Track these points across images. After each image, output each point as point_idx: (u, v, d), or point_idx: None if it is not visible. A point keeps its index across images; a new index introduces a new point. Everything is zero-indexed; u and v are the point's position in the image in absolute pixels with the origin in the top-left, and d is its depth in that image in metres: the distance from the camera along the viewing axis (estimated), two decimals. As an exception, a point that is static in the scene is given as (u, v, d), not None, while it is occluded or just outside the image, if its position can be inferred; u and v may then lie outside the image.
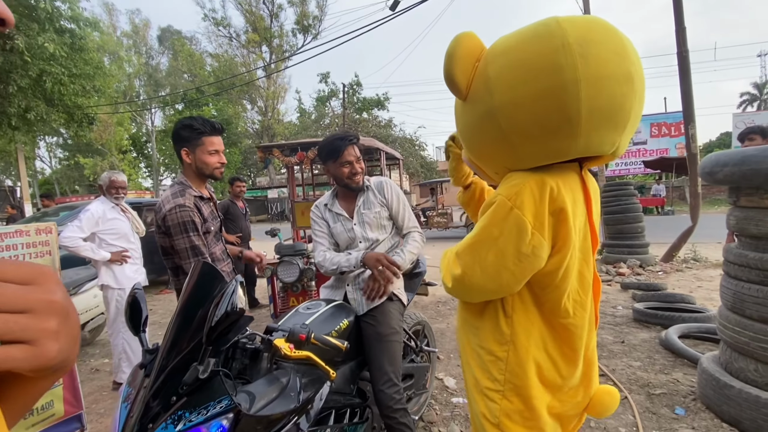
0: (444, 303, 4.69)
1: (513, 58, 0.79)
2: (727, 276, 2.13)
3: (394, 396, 1.51)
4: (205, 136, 1.67)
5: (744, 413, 1.92)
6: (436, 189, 13.39)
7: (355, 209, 1.75)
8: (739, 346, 2.01)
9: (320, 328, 1.36)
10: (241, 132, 26.78)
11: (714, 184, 2.18)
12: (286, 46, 26.72)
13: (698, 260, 6.10)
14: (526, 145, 0.83)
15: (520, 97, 0.78)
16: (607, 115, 0.77)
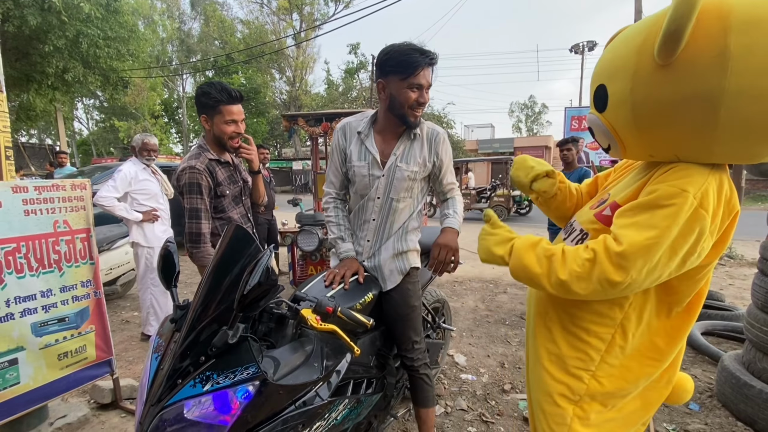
0: (460, 283, 4.70)
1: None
2: (761, 274, 2.02)
3: (419, 356, 1.60)
4: (222, 104, 1.65)
5: (761, 413, 1.87)
6: (461, 168, 13.15)
7: (390, 156, 1.43)
8: (764, 346, 1.93)
9: (344, 300, 1.35)
10: (269, 102, 26.86)
11: (759, 176, 2.05)
12: (317, 14, 26.23)
13: (733, 257, 5.82)
14: (735, 143, 0.72)
15: (761, 88, 0.64)
16: None
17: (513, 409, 2.16)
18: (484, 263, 1.02)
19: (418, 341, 1.60)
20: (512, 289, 4.44)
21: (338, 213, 1.58)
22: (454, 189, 1.61)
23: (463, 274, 5.11)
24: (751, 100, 0.65)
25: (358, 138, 1.46)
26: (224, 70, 25.23)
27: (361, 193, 1.50)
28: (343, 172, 1.53)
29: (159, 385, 0.91)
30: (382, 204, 1.47)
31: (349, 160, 1.47)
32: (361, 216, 1.54)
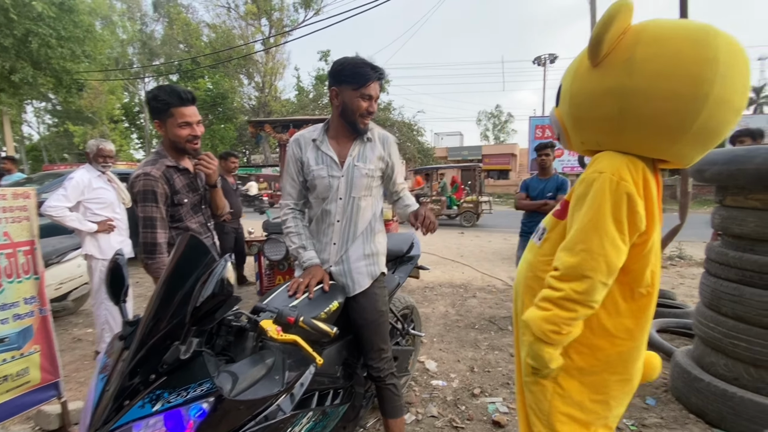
0: (431, 289, 4.73)
1: (665, 51, 0.80)
2: (707, 273, 2.17)
3: (385, 366, 1.59)
4: (173, 107, 1.57)
5: (710, 405, 1.98)
6: (431, 175, 13.35)
7: (347, 158, 1.50)
8: (712, 342, 2.06)
9: (308, 309, 1.32)
10: (237, 107, 26.25)
11: (702, 182, 2.20)
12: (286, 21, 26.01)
13: (683, 258, 6.21)
14: (633, 133, 0.87)
15: (654, 90, 0.81)
16: (707, 136, 0.84)
17: (482, 413, 2.18)
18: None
19: (384, 350, 1.59)
20: (481, 294, 4.52)
21: (297, 223, 1.59)
22: (405, 189, 1.74)
23: (433, 279, 5.16)
24: (645, 99, 0.81)
25: (314, 145, 1.52)
26: (189, 74, 24.47)
27: (323, 196, 1.52)
28: (300, 181, 1.56)
29: (104, 407, 0.86)
30: (345, 204, 1.51)
31: (307, 167, 1.52)
32: (326, 220, 1.54)
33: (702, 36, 0.78)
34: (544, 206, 3.26)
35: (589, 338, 1.00)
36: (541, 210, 3.29)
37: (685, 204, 6.25)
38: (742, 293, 1.90)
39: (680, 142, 0.84)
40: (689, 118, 0.80)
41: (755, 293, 1.85)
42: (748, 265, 1.89)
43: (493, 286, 4.86)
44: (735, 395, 1.88)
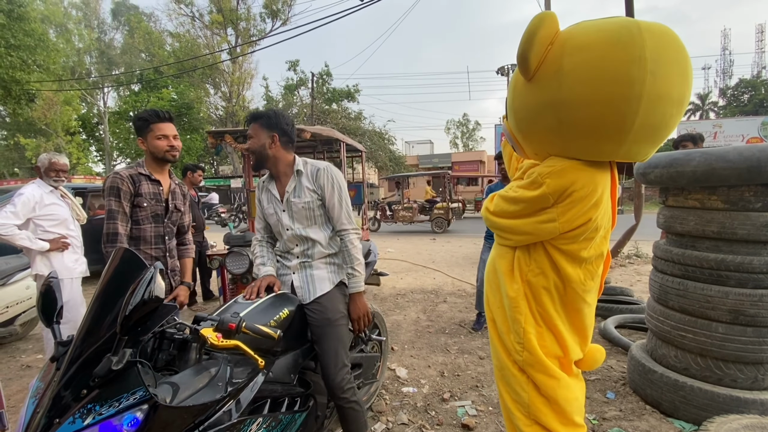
0: (403, 296, 4.75)
1: (590, 57, 0.80)
2: (655, 270, 2.30)
3: (344, 377, 1.58)
4: (153, 123, 1.82)
5: (664, 396, 2.09)
6: (402, 183, 13.47)
7: (285, 194, 1.65)
8: (662, 335, 2.18)
9: (258, 317, 1.33)
10: (204, 118, 25.62)
11: (646, 184, 2.34)
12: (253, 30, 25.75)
13: (640, 256, 6.54)
14: (576, 141, 0.88)
15: (586, 97, 0.81)
16: (653, 131, 0.83)
17: (452, 417, 2.20)
18: None
19: (341, 360, 1.58)
20: (452, 298, 4.58)
21: (263, 249, 1.75)
22: (348, 233, 1.66)
23: (405, 286, 5.18)
24: (577, 106, 0.83)
25: (264, 187, 1.72)
26: (152, 84, 23.69)
27: (276, 230, 1.72)
28: (264, 219, 1.76)
29: (34, 428, 0.82)
30: (294, 234, 1.66)
31: (263, 207, 1.73)
32: (286, 249, 1.72)
33: (626, 35, 0.77)
34: None
35: (538, 329, 1.07)
36: None
37: (639, 205, 6.64)
38: (686, 287, 2.03)
39: (625, 143, 0.84)
40: (628, 119, 0.79)
41: (698, 287, 1.98)
42: (690, 261, 2.02)
43: (463, 290, 4.93)
44: (685, 385, 2.00)
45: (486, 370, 2.75)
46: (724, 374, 1.93)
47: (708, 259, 1.95)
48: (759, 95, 27.44)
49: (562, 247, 1.00)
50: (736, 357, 1.89)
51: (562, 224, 0.94)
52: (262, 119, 1.62)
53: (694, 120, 29.48)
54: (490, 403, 2.32)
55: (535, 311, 1.07)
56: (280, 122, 1.63)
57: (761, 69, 31.13)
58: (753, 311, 1.83)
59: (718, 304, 1.91)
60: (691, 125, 21.63)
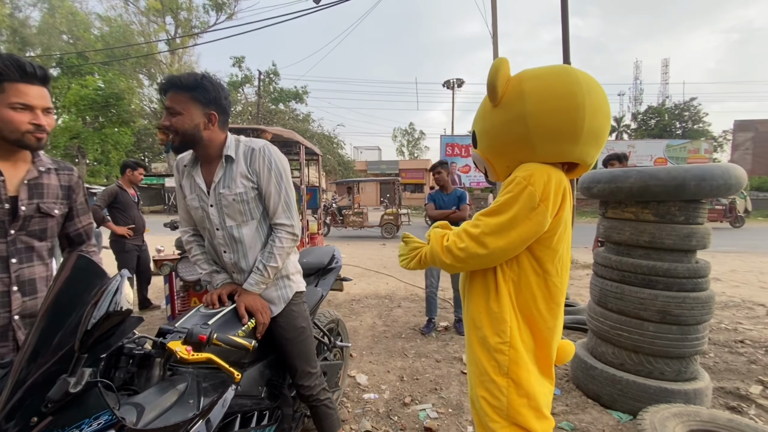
0: (358, 301, 4.74)
1: (544, 81, 1.06)
2: (595, 275, 2.54)
3: (315, 383, 1.55)
4: (7, 81, 1.12)
5: (603, 390, 2.31)
6: (353, 188, 13.46)
7: (212, 184, 1.37)
8: (601, 334, 2.41)
9: (224, 328, 1.25)
10: (136, 110, 23.55)
11: (589, 197, 2.58)
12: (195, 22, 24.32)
13: (572, 262, 7.16)
14: (544, 145, 1.07)
15: (547, 108, 1.04)
16: (596, 137, 1.07)
17: (414, 421, 2.23)
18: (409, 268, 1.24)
19: (310, 369, 1.54)
20: (405, 303, 4.66)
21: (203, 249, 1.52)
22: (282, 229, 1.42)
23: (359, 292, 5.17)
24: (540, 115, 1.04)
25: (186, 171, 1.42)
26: (75, 70, 21.33)
27: (202, 226, 1.45)
28: (187, 210, 1.48)
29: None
30: (224, 235, 1.40)
31: (185, 197, 1.44)
32: (216, 251, 1.47)
33: (563, 71, 1.07)
34: (452, 214, 3.61)
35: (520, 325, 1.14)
36: (450, 218, 3.58)
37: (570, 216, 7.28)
38: (622, 291, 2.26)
39: (579, 143, 1.06)
40: (578, 124, 1.03)
41: (633, 290, 2.22)
42: (626, 267, 2.26)
43: (416, 294, 5.04)
44: (622, 379, 2.22)
45: (443, 372, 2.83)
46: (653, 368, 2.18)
47: (641, 266, 2.20)
48: (664, 121, 31.49)
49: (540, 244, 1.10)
50: (663, 352, 2.15)
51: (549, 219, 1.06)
52: (196, 90, 1.27)
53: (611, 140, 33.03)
54: (449, 405, 2.40)
55: (517, 311, 1.14)
56: (220, 96, 1.33)
57: (665, 98, 35.79)
58: (677, 311, 2.09)
59: (649, 305, 2.15)
60: (609, 144, 24.23)
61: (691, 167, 2.09)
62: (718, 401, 2.38)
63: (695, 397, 2.10)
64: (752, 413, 2.26)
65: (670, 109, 32.11)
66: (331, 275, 2.22)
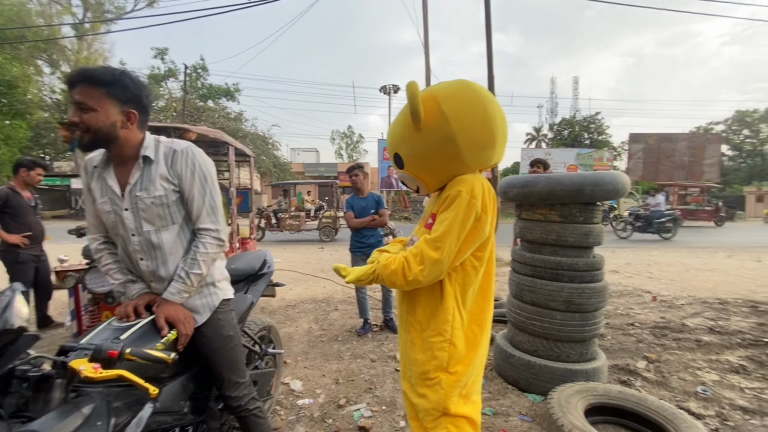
0: (293, 306, 4.64)
1: (459, 100, 1.17)
2: (512, 271, 2.79)
3: (244, 392, 1.50)
4: None
5: (520, 375, 2.54)
6: (289, 191, 13.13)
7: (127, 186, 1.27)
8: (518, 324, 2.65)
9: (141, 342, 1.17)
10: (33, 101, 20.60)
11: (507, 200, 2.83)
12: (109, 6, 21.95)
13: (497, 260, 7.72)
14: (473, 157, 1.19)
15: (470, 123, 1.15)
16: (503, 141, 1.23)
17: (349, 422, 2.26)
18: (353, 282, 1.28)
19: (240, 377, 1.51)
20: (343, 306, 4.67)
21: (115, 257, 1.40)
22: (207, 234, 1.35)
23: (295, 297, 5.07)
24: (467, 131, 1.17)
25: (97, 173, 1.31)
26: (-50, 50, 18.08)
27: (115, 232, 1.34)
28: (94, 210, 1.36)
29: None
30: (141, 240, 1.31)
31: (95, 201, 1.33)
32: (131, 258, 1.36)
33: (467, 85, 1.21)
34: (372, 222, 3.65)
35: (461, 322, 1.24)
36: (370, 225, 3.66)
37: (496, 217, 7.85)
38: (535, 284, 2.52)
39: (497, 149, 1.22)
40: (493, 131, 1.18)
41: (543, 283, 2.48)
42: (537, 263, 2.52)
43: (353, 297, 5.06)
44: (535, 364, 2.47)
45: (378, 371, 2.90)
46: (561, 352, 2.46)
47: (549, 261, 2.47)
48: (574, 132, 35.26)
49: (480, 246, 1.22)
50: (569, 337, 2.43)
51: (489, 225, 1.19)
52: (113, 86, 1.19)
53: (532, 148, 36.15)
54: (383, 403, 2.47)
55: (463, 309, 1.23)
56: (141, 95, 1.26)
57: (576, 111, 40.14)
58: (579, 301, 2.38)
59: (556, 296, 2.42)
60: (530, 152, 26.56)
61: (588, 174, 2.40)
62: (612, 377, 2.75)
63: (594, 375, 2.41)
64: (638, 385, 2.65)
65: (580, 121, 36.02)
66: (263, 281, 2.17)
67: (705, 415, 2.29)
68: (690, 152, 24.77)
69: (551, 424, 1.88)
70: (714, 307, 4.54)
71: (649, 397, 2.09)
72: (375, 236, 3.72)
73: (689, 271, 6.94)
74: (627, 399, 2.08)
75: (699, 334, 3.57)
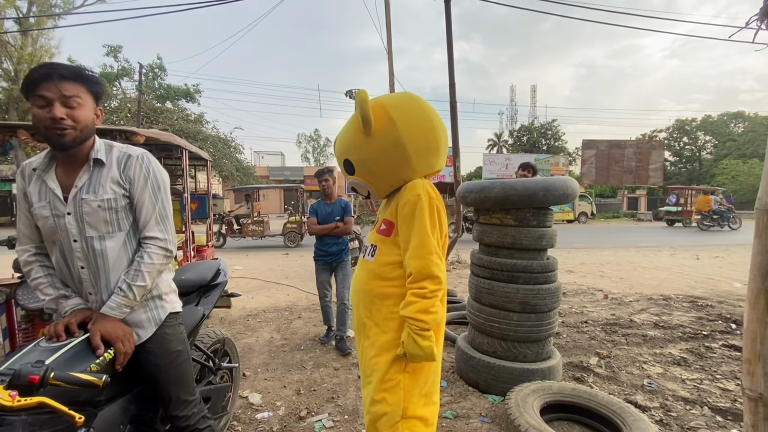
0: (254, 316, 4.49)
1: (408, 108, 1.26)
2: (472, 274, 2.84)
3: (194, 411, 1.44)
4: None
5: (481, 377, 2.59)
6: (252, 195, 12.76)
7: (72, 189, 1.21)
8: (478, 326, 2.70)
9: (72, 364, 1.08)
10: (-35, 99, 18.82)
11: (465, 205, 2.89)
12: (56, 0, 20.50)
13: (461, 262, 7.87)
14: (420, 162, 1.25)
15: (416, 130, 1.23)
16: (445, 148, 1.31)
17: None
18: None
19: (190, 394, 1.44)
20: (306, 313, 4.58)
21: (48, 270, 1.29)
22: (153, 244, 1.29)
23: (257, 305, 4.92)
24: (416, 138, 1.25)
25: (36, 175, 1.23)
26: None
27: (52, 239, 1.25)
28: (28, 216, 1.27)
29: None
30: (83, 247, 1.23)
31: (32, 205, 1.23)
32: (69, 268, 1.27)
33: (412, 96, 1.31)
34: (335, 229, 3.43)
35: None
36: (332, 233, 3.45)
37: (459, 220, 8.01)
38: (492, 287, 2.58)
39: (441, 155, 1.31)
40: (437, 139, 1.27)
41: (500, 286, 2.54)
42: (494, 266, 2.59)
43: (317, 304, 4.97)
44: (495, 365, 2.52)
45: (341, 380, 2.86)
46: (518, 352, 2.53)
47: (506, 264, 2.54)
48: (533, 138, 36.83)
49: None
50: (525, 338, 2.51)
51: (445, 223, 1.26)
52: (91, 83, 1.20)
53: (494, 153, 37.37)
54: (346, 412, 2.43)
55: None
56: (103, 93, 1.27)
57: (534, 118, 41.97)
58: (534, 302, 2.47)
59: (513, 298, 2.49)
60: (492, 157, 27.45)
61: (540, 180, 2.50)
62: (567, 374, 2.86)
63: (550, 374, 2.50)
64: (591, 381, 2.77)
65: (538, 128, 37.67)
66: (215, 292, 2.07)
67: (650, 407, 2.43)
68: (637, 157, 26.56)
69: (509, 424, 1.92)
70: (658, 303, 4.86)
71: (599, 393, 2.20)
72: (338, 245, 3.51)
73: (636, 269, 7.40)
74: (579, 395, 2.17)
75: (645, 329, 3.81)
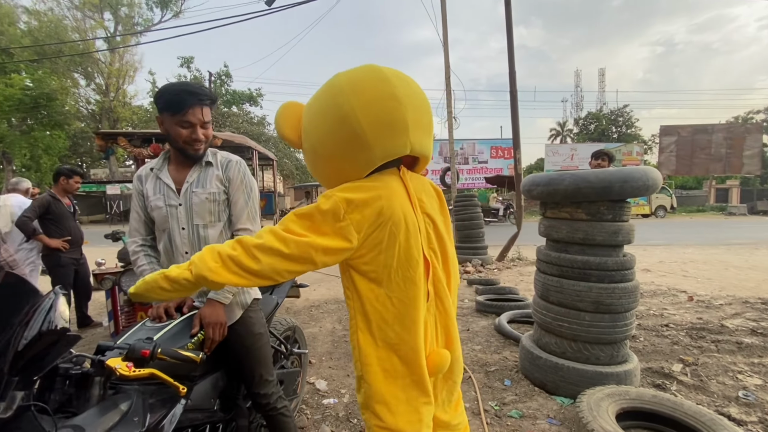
0: (317, 307, 4.70)
1: (312, 109, 1.04)
2: (538, 271, 2.73)
3: (272, 391, 1.55)
4: None
5: (548, 377, 2.48)
6: (311, 192, 13.31)
7: (184, 184, 1.44)
8: (545, 325, 2.59)
9: (172, 342, 1.24)
10: (70, 112, 21.75)
11: (531, 199, 2.78)
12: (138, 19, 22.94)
13: (522, 259, 7.56)
14: (340, 165, 1.03)
15: (321, 133, 1.01)
16: (386, 126, 0.97)
17: (373, 422, 2.27)
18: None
19: (266, 376, 1.55)
20: (365, 307, 4.69)
21: (151, 260, 1.49)
22: (247, 232, 1.45)
23: (319, 297, 5.14)
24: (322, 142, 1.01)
25: (153, 174, 1.47)
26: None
27: (163, 227, 1.45)
28: (144, 215, 1.50)
29: None
30: (190, 234, 1.43)
31: (147, 199, 1.46)
32: (174, 253, 1.44)
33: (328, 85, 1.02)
34: None
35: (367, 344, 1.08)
36: None
37: (520, 216, 7.69)
38: (562, 284, 2.45)
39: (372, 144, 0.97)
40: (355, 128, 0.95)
41: (570, 283, 2.41)
42: (564, 262, 2.46)
43: (375, 298, 5.08)
44: (564, 366, 2.40)
45: (402, 372, 2.90)
46: (590, 354, 2.38)
47: (577, 261, 2.40)
48: (601, 126, 34.13)
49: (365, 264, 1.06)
50: (598, 339, 2.36)
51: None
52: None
53: (557, 144, 35.21)
54: (407, 404, 2.46)
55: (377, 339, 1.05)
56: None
57: (603, 105, 38.82)
58: (609, 301, 2.31)
59: (584, 296, 2.35)
60: (555, 148, 25.86)
61: (616, 171, 2.32)
62: (646, 380, 2.64)
63: (626, 378, 2.32)
64: (674, 389, 2.53)
65: (607, 115, 34.81)
66: (287, 284, 2.21)
67: (747, 421, 2.17)
68: (728, 143, 23.51)
69: (581, 428, 1.82)
70: (756, 307, 4.29)
71: (685, 402, 2.01)
72: None
73: (728, 269, 6.58)
74: (662, 403, 2.00)
75: (740, 336, 3.39)
